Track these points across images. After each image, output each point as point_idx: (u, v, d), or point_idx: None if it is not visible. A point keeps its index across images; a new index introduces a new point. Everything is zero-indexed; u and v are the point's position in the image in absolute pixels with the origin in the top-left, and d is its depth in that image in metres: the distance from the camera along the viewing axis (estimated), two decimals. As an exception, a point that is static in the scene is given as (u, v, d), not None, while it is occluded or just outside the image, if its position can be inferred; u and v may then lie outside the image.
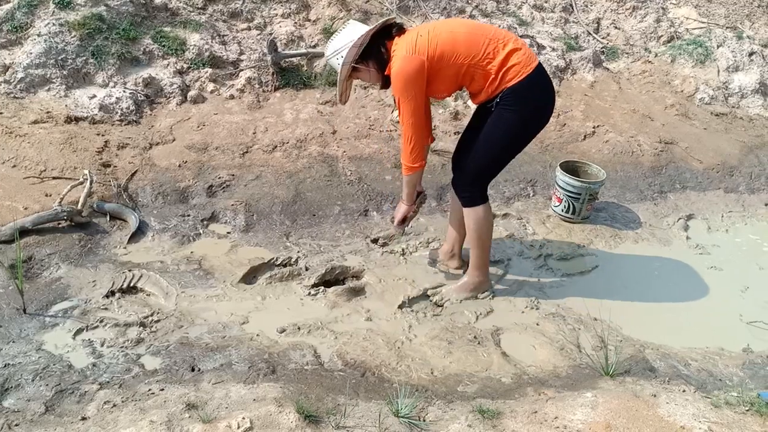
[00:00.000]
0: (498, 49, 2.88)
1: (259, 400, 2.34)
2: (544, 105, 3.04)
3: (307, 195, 3.92)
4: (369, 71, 2.98)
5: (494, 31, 2.95)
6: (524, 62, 2.89)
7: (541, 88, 2.98)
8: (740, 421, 2.46)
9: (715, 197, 4.55)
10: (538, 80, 2.94)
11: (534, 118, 3.04)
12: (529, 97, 2.94)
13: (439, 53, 2.83)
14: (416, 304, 3.26)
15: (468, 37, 2.88)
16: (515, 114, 2.94)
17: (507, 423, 2.36)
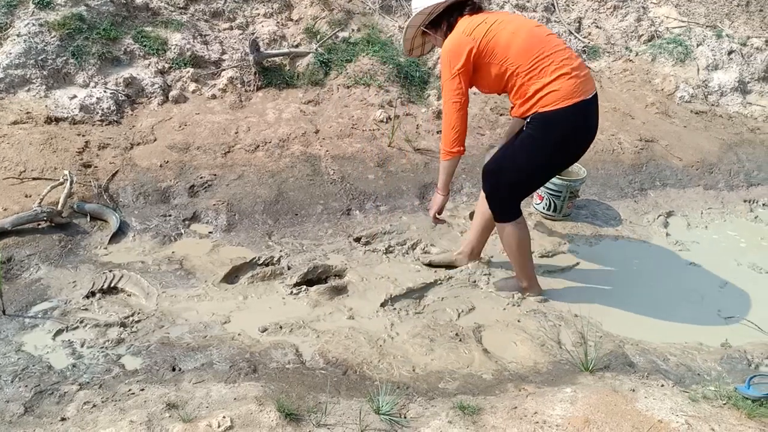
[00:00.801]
0: (547, 70, 2.84)
1: (239, 399, 2.34)
2: (570, 140, 2.95)
3: (289, 194, 3.92)
4: (435, 38, 3.07)
5: (555, 49, 2.87)
6: (567, 92, 2.83)
7: (572, 124, 2.89)
8: (717, 414, 2.50)
9: (695, 194, 4.61)
10: (573, 116, 2.87)
11: (558, 150, 2.97)
12: (556, 129, 2.90)
13: (491, 47, 2.84)
14: (398, 302, 3.27)
15: (524, 44, 2.85)
16: (538, 141, 2.93)
17: (487, 419, 2.38)
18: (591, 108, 2.96)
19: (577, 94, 2.86)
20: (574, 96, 2.85)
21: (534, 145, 2.96)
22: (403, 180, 4.21)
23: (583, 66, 2.96)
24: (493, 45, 2.85)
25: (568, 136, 2.94)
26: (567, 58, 2.88)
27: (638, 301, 3.48)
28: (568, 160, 3.13)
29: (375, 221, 3.89)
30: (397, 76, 4.89)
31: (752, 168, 4.89)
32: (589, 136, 3.05)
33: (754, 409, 2.50)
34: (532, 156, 3.00)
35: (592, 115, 2.99)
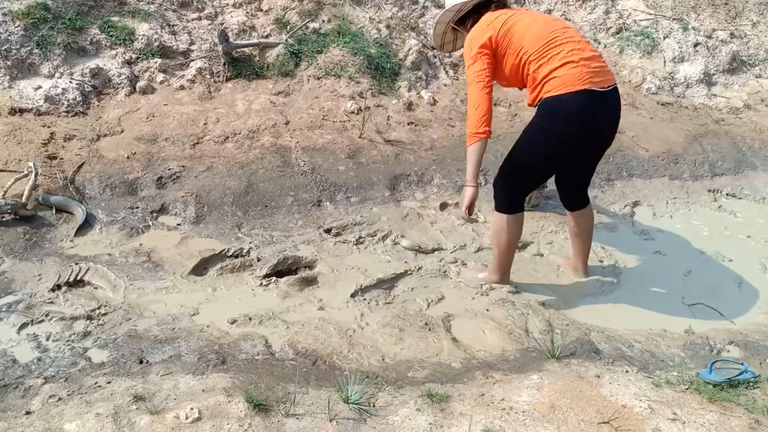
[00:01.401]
0: (555, 58, 2.87)
1: (208, 391, 2.34)
2: (572, 127, 2.92)
3: (259, 186, 3.90)
4: (463, 33, 3.14)
5: (567, 39, 2.91)
6: (571, 79, 2.84)
7: (575, 112, 2.88)
8: (680, 399, 2.55)
9: (661, 184, 4.69)
10: (575, 103, 2.86)
11: (560, 137, 2.95)
12: (558, 116, 2.90)
13: (508, 36, 2.93)
14: (369, 293, 3.28)
15: (537, 33, 2.91)
16: (540, 127, 2.97)
17: (455, 406, 2.41)
18: (599, 100, 2.91)
19: (582, 82, 2.85)
20: (578, 84, 2.85)
21: (537, 131, 3.00)
22: (374, 171, 4.22)
23: (597, 59, 2.96)
24: (510, 34, 2.93)
25: (571, 123, 2.91)
26: (578, 49, 2.90)
27: (605, 289, 3.54)
28: (575, 151, 3.07)
29: (346, 212, 3.89)
30: (367, 68, 4.89)
31: (716, 158, 4.99)
32: (596, 128, 3.00)
33: (716, 394, 2.57)
34: (535, 142, 3.02)
35: (601, 106, 2.94)
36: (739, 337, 3.27)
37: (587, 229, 3.43)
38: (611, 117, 3.05)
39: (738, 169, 4.96)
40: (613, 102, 3.01)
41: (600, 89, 2.90)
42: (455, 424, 2.31)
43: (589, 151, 3.16)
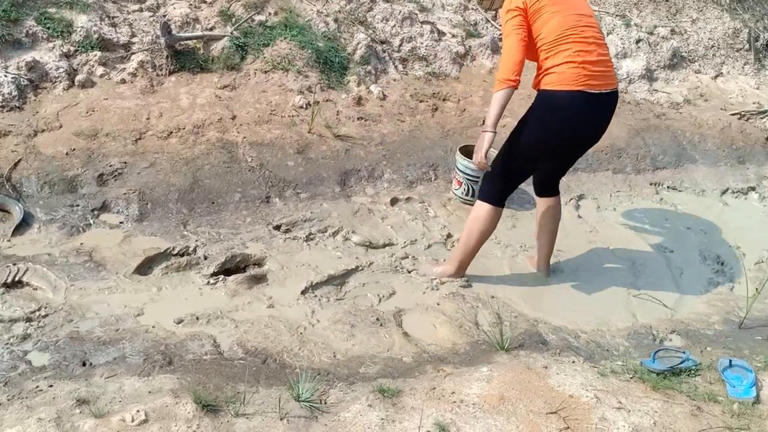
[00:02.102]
0: (561, 54, 2.94)
1: (154, 393, 2.28)
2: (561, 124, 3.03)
3: (205, 182, 3.82)
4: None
5: (579, 39, 2.96)
6: (566, 78, 2.93)
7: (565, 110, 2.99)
8: (624, 387, 2.62)
9: (604, 178, 4.79)
10: (567, 102, 2.96)
11: (547, 131, 3.06)
12: (549, 110, 3.02)
13: (534, 18, 2.97)
14: (319, 290, 3.26)
15: (556, 24, 2.96)
16: (535, 117, 3.07)
17: (406, 400, 2.41)
18: (591, 102, 2.99)
19: (577, 84, 2.94)
20: (572, 84, 2.94)
21: (533, 120, 3.10)
22: (324, 167, 4.18)
23: (603, 63, 3.03)
24: (537, 15, 2.98)
25: (561, 118, 3.02)
26: (584, 51, 2.96)
27: (552, 281, 3.60)
28: (562, 148, 3.19)
29: (295, 208, 3.85)
30: (316, 62, 4.84)
31: (658, 152, 5.12)
32: (583, 128, 3.11)
33: (659, 382, 2.65)
34: (531, 131, 3.11)
35: (590, 108, 3.03)
36: (680, 326, 3.38)
37: (554, 217, 3.51)
38: (600, 119, 3.15)
39: (678, 162, 5.11)
40: (607, 105, 3.11)
41: (594, 92, 2.98)
42: (407, 418, 2.32)
43: (571, 148, 3.25)
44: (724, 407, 2.53)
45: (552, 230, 3.53)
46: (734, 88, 6.17)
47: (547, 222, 3.51)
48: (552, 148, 3.18)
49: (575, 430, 2.33)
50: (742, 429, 2.40)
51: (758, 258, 4.06)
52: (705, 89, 6.02)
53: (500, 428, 2.31)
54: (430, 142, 4.65)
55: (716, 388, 2.67)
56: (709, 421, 2.43)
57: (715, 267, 3.93)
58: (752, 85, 6.23)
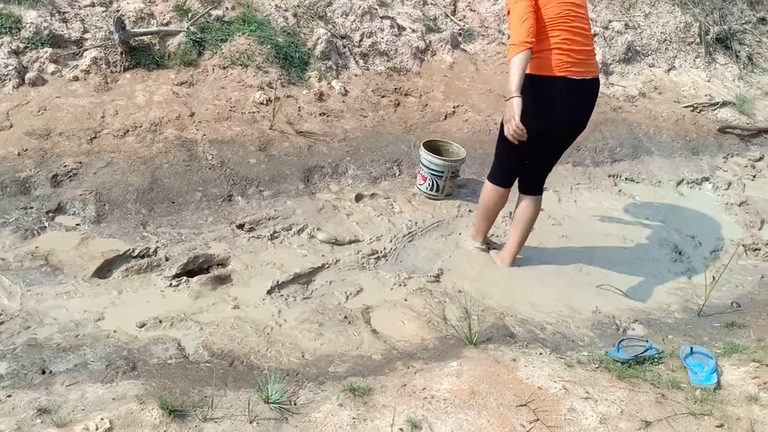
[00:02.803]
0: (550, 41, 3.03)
1: (118, 399, 2.21)
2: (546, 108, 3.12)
3: (164, 181, 3.73)
4: None
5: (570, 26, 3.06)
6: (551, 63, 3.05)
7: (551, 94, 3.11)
8: (591, 377, 2.66)
9: (564, 171, 4.85)
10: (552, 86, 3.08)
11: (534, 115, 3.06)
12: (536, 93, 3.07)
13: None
14: (286, 289, 3.21)
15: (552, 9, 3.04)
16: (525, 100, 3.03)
17: (377, 398, 2.40)
18: (573, 87, 3.12)
19: (560, 70, 3.06)
20: (556, 70, 3.05)
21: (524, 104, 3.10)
22: (287, 164, 4.13)
23: (587, 52, 3.16)
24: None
25: (546, 103, 3.11)
26: (570, 39, 3.07)
27: (516, 273, 3.63)
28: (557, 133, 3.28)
29: (258, 207, 3.79)
30: (276, 57, 4.77)
31: (615, 145, 5.22)
32: (567, 113, 3.21)
33: (624, 371, 2.69)
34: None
35: (573, 94, 3.15)
36: (642, 315, 3.45)
37: (530, 217, 3.54)
38: (583, 104, 3.24)
39: (635, 154, 5.22)
40: (589, 91, 3.23)
41: (575, 78, 3.09)
42: (378, 416, 2.30)
43: (562, 135, 3.33)
44: (687, 394, 2.59)
45: (527, 227, 3.57)
46: (687, 81, 6.33)
47: (523, 218, 3.54)
48: (547, 132, 3.22)
49: (545, 421, 2.35)
50: (705, 414, 2.45)
51: (714, 246, 4.17)
52: (659, 82, 6.16)
53: (471, 423, 2.31)
54: (393, 137, 4.64)
55: (679, 375, 2.73)
56: (673, 408, 2.48)
57: (673, 256, 4.02)
58: (704, 78, 6.40)
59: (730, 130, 5.65)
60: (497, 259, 3.67)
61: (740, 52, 6.84)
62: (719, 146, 5.53)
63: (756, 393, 2.57)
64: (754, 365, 2.75)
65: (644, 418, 2.41)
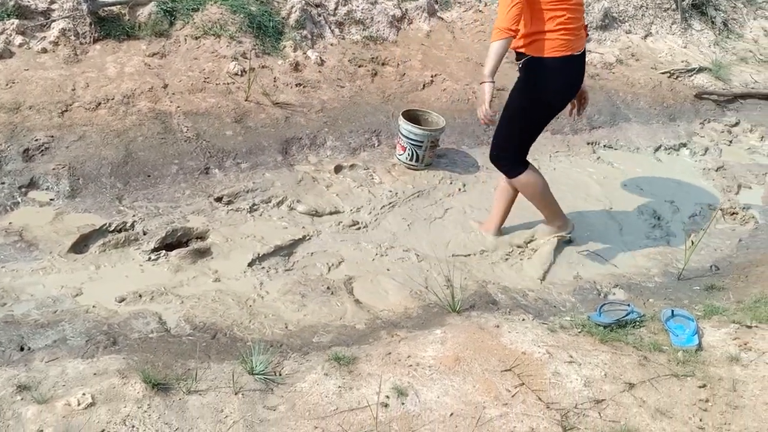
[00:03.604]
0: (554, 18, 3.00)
1: (100, 374, 2.18)
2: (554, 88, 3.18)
3: (139, 155, 3.65)
4: None
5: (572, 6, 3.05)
6: (559, 45, 3.03)
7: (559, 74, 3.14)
8: (574, 342, 2.67)
9: (543, 139, 4.80)
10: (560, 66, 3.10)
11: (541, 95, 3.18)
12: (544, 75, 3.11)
13: None
14: (267, 261, 3.18)
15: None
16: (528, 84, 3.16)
17: (362, 367, 2.39)
18: (576, 63, 3.18)
19: (566, 49, 3.07)
20: (562, 50, 3.06)
21: (524, 88, 3.20)
22: (264, 135, 4.06)
23: (584, 28, 3.22)
24: None
25: (557, 84, 3.16)
26: (574, 17, 3.06)
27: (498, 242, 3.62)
28: (551, 110, 3.31)
29: (236, 179, 3.73)
30: (249, 27, 4.67)
31: (593, 112, 5.21)
32: (573, 86, 3.28)
33: (606, 335, 2.71)
34: (523, 98, 3.22)
35: (576, 69, 3.22)
36: (622, 280, 3.47)
37: (515, 189, 3.52)
38: (581, 74, 3.30)
39: (613, 121, 5.22)
40: (583, 64, 3.28)
41: (577, 53, 3.15)
42: (364, 384, 2.30)
43: (558, 110, 3.35)
44: (669, 356, 2.62)
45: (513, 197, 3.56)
46: (663, 47, 6.33)
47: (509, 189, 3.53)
48: (554, 107, 3.30)
49: (530, 385, 2.36)
50: (687, 375, 2.49)
51: (692, 211, 4.21)
52: (636, 49, 6.15)
53: (457, 388, 2.32)
54: (371, 107, 4.58)
55: (660, 338, 2.76)
56: (656, 370, 2.51)
57: (652, 222, 4.05)
58: (680, 44, 6.40)
59: (706, 96, 5.67)
60: (483, 230, 3.66)
61: (716, 17, 6.85)
62: (696, 112, 5.55)
63: (737, 353, 2.61)
64: (734, 326, 2.79)
65: (628, 380, 2.44)
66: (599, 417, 2.24)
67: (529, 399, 2.30)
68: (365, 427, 2.09)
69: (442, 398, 2.26)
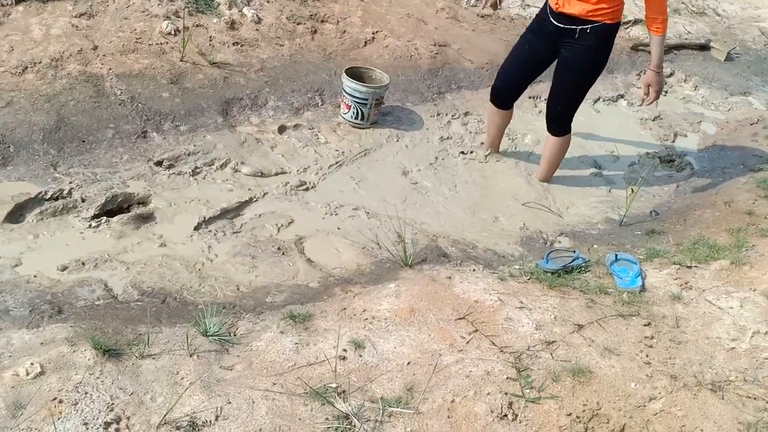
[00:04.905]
0: None
1: (47, 343, 2.10)
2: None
3: (72, 119, 3.48)
4: None
5: None
6: (620, 12, 3.27)
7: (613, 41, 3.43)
8: (523, 288, 2.73)
9: (487, 94, 4.81)
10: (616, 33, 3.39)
11: (605, 61, 3.45)
12: (610, 44, 3.39)
13: None
14: (213, 224, 3.11)
15: None
16: (602, 55, 3.38)
17: (318, 323, 2.39)
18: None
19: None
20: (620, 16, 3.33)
21: (597, 54, 3.36)
22: (203, 96, 3.94)
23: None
24: None
25: (612, 46, 3.43)
26: None
27: (446, 195, 3.66)
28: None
29: (176, 142, 3.61)
30: (181, -16, 4.49)
31: (533, 67, 5.26)
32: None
33: (554, 281, 2.78)
34: (599, 66, 3.43)
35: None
36: (567, 228, 3.56)
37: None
38: None
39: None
40: None
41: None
42: (321, 340, 2.30)
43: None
44: (614, 297, 2.72)
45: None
46: (598, 2, 6.40)
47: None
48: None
49: (484, 331, 2.41)
50: (632, 315, 2.58)
51: (631, 161, 4.33)
52: (572, 3, 6.21)
53: (413, 338, 2.34)
54: (312, 66, 4.50)
55: (606, 281, 2.85)
56: (603, 311, 2.60)
57: (593, 171, 4.15)
58: (615, -1, 6.49)
59: (642, 48, 5.79)
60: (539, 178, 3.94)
61: (648, -29, 6.96)
62: (632, 64, 5.67)
63: (678, 292, 2.73)
64: (675, 267, 2.91)
65: (576, 322, 2.51)
66: (551, 357, 2.31)
67: (483, 344, 2.34)
68: (324, 381, 2.09)
69: (398, 348, 2.28)
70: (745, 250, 3.02)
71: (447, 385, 2.15)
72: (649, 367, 2.32)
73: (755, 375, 2.32)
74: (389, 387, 2.12)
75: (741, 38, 6.81)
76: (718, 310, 2.62)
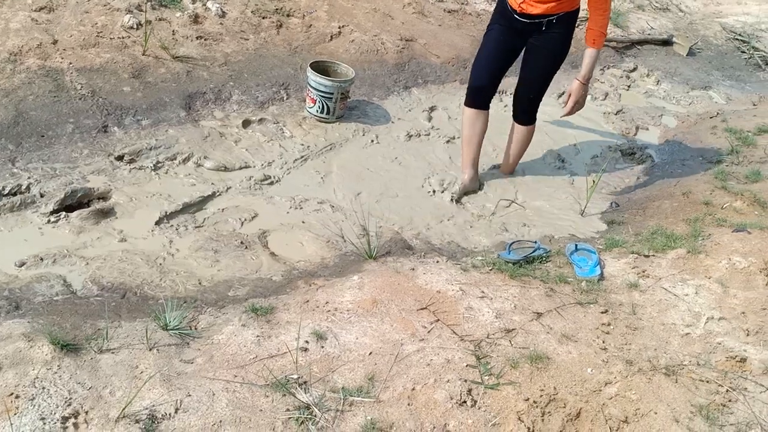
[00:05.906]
0: None
1: (4, 339, 2.07)
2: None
3: (31, 114, 3.42)
4: None
5: None
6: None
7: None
8: (485, 279, 2.77)
9: (452, 89, 4.90)
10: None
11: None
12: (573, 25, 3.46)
13: None
14: (175, 219, 3.09)
15: None
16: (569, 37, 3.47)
17: (281, 316, 2.39)
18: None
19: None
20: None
21: (566, 40, 3.48)
22: (165, 91, 3.90)
23: None
24: None
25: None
26: None
27: (410, 190, 3.67)
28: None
29: (138, 137, 3.57)
30: (143, -22, 4.43)
31: (498, 62, 5.30)
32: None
33: (515, 271, 2.82)
34: (564, 50, 3.51)
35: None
36: (529, 219, 3.60)
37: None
38: None
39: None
40: None
41: None
42: (283, 332, 2.30)
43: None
44: (573, 286, 2.77)
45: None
46: None
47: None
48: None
49: (445, 321, 2.44)
50: (590, 303, 2.63)
51: (593, 153, 4.40)
52: None
53: (375, 328, 2.36)
54: (278, 60, 4.48)
55: (565, 271, 2.90)
56: (562, 299, 2.65)
57: (556, 164, 4.21)
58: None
59: (605, 43, 5.87)
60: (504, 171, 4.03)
61: (611, -32, 7.07)
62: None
63: (636, 281, 2.79)
64: (633, 257, 2.97)
65: (536, 310, 2.55)
66: (510, 344, 2.34)
67: (444, 333, 2.37)
68: (285, 372, 2.10)
69: (360, 339, 2.29)
70: (702, 239, 3.09)
71: (408, 373, 2.17)
72: (605, 352, 2.36)
73: (708, 359, 2.39)
74: (351, 377, 2.14)
75: (703, 34, 6.96)
76: (674, 298, 2.68)
